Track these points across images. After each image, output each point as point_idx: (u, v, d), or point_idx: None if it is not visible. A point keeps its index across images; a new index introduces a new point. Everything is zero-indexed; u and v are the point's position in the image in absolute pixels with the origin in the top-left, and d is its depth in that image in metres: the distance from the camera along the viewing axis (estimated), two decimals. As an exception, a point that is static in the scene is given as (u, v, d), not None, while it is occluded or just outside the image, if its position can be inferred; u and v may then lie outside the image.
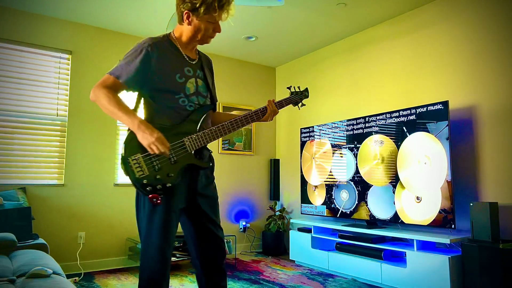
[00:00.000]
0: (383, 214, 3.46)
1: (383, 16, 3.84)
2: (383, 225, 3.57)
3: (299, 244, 4.12)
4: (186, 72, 1.64)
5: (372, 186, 3.59)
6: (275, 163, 5.19)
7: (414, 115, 3.29)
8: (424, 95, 3.52)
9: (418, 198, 3.19)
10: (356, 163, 3.76)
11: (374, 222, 3.58)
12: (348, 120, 3.91)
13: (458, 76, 3.27)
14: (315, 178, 4.25)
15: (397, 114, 3.44)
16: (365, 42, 4.15)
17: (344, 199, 3.87)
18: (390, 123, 3.48)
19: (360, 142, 3.75)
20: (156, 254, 1.52)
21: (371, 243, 3.36)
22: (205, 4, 1.53)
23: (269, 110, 1.74)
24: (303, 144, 4.47)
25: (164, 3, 3.53)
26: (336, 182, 3.98)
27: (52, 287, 1.66)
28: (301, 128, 4.52)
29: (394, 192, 3.38)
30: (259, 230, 5.00)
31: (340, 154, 3.97)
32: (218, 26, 1.64)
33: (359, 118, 3.79)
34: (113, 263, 3.91)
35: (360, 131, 3.76)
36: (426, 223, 3.10)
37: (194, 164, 1.59)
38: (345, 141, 3.93)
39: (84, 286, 3.23)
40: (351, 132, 3.86)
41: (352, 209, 3.77)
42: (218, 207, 1.75)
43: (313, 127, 4.35)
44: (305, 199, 4.37)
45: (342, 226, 3.70)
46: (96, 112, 3.97)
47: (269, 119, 1.76)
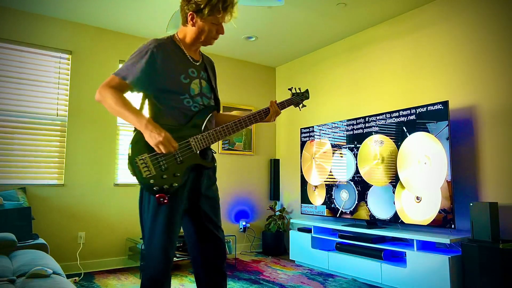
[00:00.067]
0: (383, 214, 3.46)
1: (383, 16, 3.84)
2: (383, 225, 3.57)
3: (299, 244, 4.12)
4: (190, 73, 1.65)
5: (372, 186, 3.59)
6: (275, 163, 5.19)
7: (414, 115, 3.29)
8: (424, 95, 3.52)
9: (418, 198, 3.19)
10: (356, 163, 3.77)
11: (374, 222, 3.58)
12: (348, 120, 3.91)
13: (458, 76, 3.27)
14: (315, 178, 4.25)
15: (397, 114, 3.44)
16: (365, 42, 4.15)
17: (344, 199, 3.87)
18: (390, 123, 3.48)
19: (360, 142, 3.75)
20: (160, 254, 1.52)
21: (371, 243, 3.36)
22: (209, 5, 1.55)
23: (271, 110, 1.76)
24: (303, 144, 4.47)
25: (164, 3, 3.53)
26: (336, 182, 3.98)
27: (52, 287, 1.66)
28: (301, 128, 4.52)
29: (394, 192, 3.38)
30: (259, 230, 5.00)
31: (340, 154, 3.97)
32: (221, 27, 1.66)
33: (359, 118, 3.79)
34: (113, 263, 3.91)
35: (360, 131, 3.76)
36: (426, 223, 3.10)
37: (199, 164, 1.60)
38: (345, 141, 3.93)
39: (84, 286, 3.23)
40: (351, 132, 3.86)
41: (352, 209, 3.77)
42: (219, 208, 1.76)
43: (313, 127, 4.35)
44: (305, 199, 4.37)
45: (342, 226, 3.70)
46: (96, 112, 3.97)
47: (271, 120, 1.78)
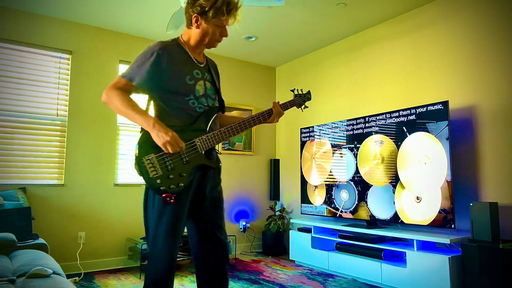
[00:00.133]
0: (383, 214, 3.46)
1: (383, 16, 3.84)
2: (383, 225, 3.57)
3: (299, 244, 4.12)
4: (195, 74, 1.67)
5: (372, 186, 3.59)
6: (275, 163, 5.19)
7: (414, 115, 3.29)
8: (424, 95, 3.52)
9: (418, 198, 3.19)
10: (356, 163, 3.77)
11: (374, 222, 3.58)
12: (348, 120, 3.91)
13: (458, 76, 3.27)
14: (315, 178, 4.25)
15: (397, 114, 3.44)
16: (365, 42, 4.15)
17: (344, 199, 3.87)
18: (390, 123, 3.48)
19: (360, 142, 3.75)
20: (164, 254, 1.53)
21: (371, 243, 3.36)
22: (214, 8, 1.59)
23: (274, 111, 1.80)
24: (303, 144, 4.47)
25: (164, 3, 3.53)
26: (336, 182, 3.98)
27: (52, 287, 1.66)
28: (301, 128, 4.52)
29: (394, 192, 3.38)
30: (259, 230, 5.00)
31: (340, 154, 3.97)
32: (225, 30, 1.68)
33: (359, 118, 3.79)
34: (113, 263, 3.91)
35: (360, 131, 3.76)
36: (426, 223, 3.10)
37: (204, 164, 1.62)
38: (345, 141, 3.93)
39: (84, 286, 3.23)
40: (351, 132, 3.86)
41: (352, 209, 3.77)
42: (223, 209, 1.77)
43: (313, 127, 4.35)
44: (305, 199, 4.37)
45: (342, 226, 3.70)
46: (96, 112, 3.97)
47: (275, 121, 1.82)
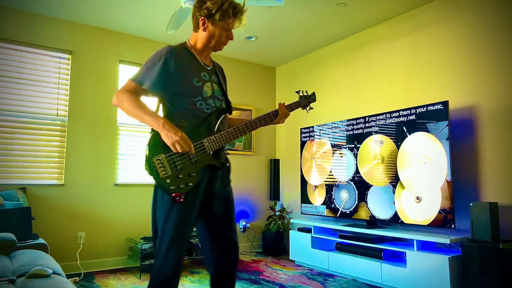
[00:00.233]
0: (383, 214, 3.46)
1: (383, 16, 3.84)
2: (383, 225, 3.57)
3: (299, 244, 4.12)
4: (202, 76, 1.71)
5: (372, 186, 3.59)
6: (275, 163, 5.19)
7: (414, 115, 3.29)
8: (424, 95, 3.52)
9: (418, 198, 3.19)
10: (356, 163, 3.77)
11: (374, 222, 3.58)
12: (348, 120, 3.91)
13: (458, 76, 3.27)
14: (315, 178, 4.25)
15: (397, 114, 3.44)
16: (365, 42, 4.15)
17: (344, 199, 3.87)
18: (390, 123, 3.48)
19: (360, 142, 3.75)
20: (170, 254, 1.55)
21: (371, 243, 3.36)
22: (220, 11, 1.65)
23: (280, 112, 1.86)
24: (303, 144, 4.47)
25: (164, 3, 3.53)
26: (336, 182, 3.98)
27: (52, 287, 1.66)
28: (301, 128, 4.52)
29: (394, 192, 3.38)
30: (259, 230, 5.00)
31: (340, 154, 3.97)
32: (231, 33, 1.74)
33: (359, 118, 3.79)
34: (113, 263, 3.91)
35: (360, 131, 3.76)
36: (426, 223, 3.10)
37: (213, 164, 1.65)
38: (345, 141, 3.93)
39: (84, 286, 3.23)
40: (351, 132, 3.85)
41: (352, 209, 3.77)
42: (233, 210, 1.80)
43: (313, 127, 4.35)
44: (305, 199, 4.37)
45: (342, 226, 3.70)
46: (96, 112, 3.97)
47: (281, 121, 1.88)
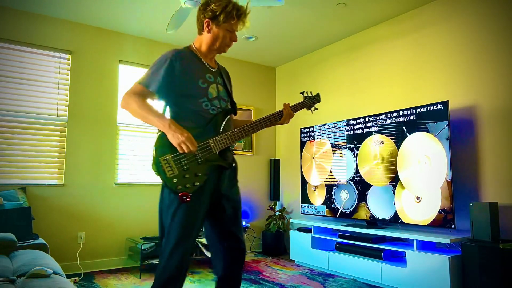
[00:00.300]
0: (383, 214, 3.46)
1: (383, 16, 3.84)
2: (383, 225, 3.57)
3: (299, 244, 4.12)
4: (207, 78, 1.74)
5: (372, 186, 3.59)
6: (275, 163, 5.19)
7: (414, 115, 3.29)
8: (424, 95, 3.52)
9: (418, 198, 3.19)
10: (356, 163, 3.76)
11: (374, 222, 3.58)
12: (348, 120, 3.91)
13: (458, 76, 3.27)
14: (315, 178, 4.25)
15: (397, 114, 3.44)
16: (365, 42, 4.15)
17: (344, 199, 3.87)
18: (390, 123, 3.48)
19: (360, 142, 3.75)
20: (175, 253, 1.56)
21: (371, 243, 3.36)
22: (224, 12, 1.69)
23: (285, 113, 1.87)
24: (303, 144, 4.47)
25: (164, 3, 3.53)
26: (336, 182, 3.98)
27: (52, 287, 1.66)
28: (301, 128, 4.52)
29: (394, 192, 3.38)
30: (259, 230, 5.00)
31: (340, 154, 3.97)
32: (234, 35, 1.77)
33: (359, 118, 3.79)
34: (113, 263, 3.91)
35: (360, 131, 3.76)
36: (426, 223, 3.10)
37: (219, 164, 1.67)
38: (345, 141, 3.93)
39: (84, 286, 3.23)
40: (351, 132, 3.85)
41: (352, 209, 3.77)
42: (240, 210, 1.81)
43: (313, 127, 4.35)
44: (305, 199, 4.37)
45: (342, 226, 3.70)
46: (96, 112, 3.97)
47: (285, 122, 1.90)
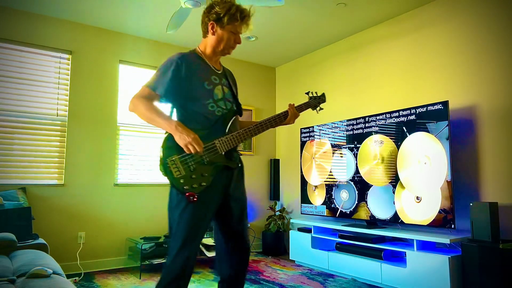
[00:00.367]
0: (383, 214, 3.46)
1: (383, 16, 3.84)
2: (383, 225, 3.57)
3: (299, 244, 4.12)
4: (213, 79, 1.77)
5: (372, 186, 3.59)
6: (275, 163, 5.19)
7: (414, 115, 3.29)
8: (424, 95, 3.51)
9: (418, 198, 3.19)
10: (356, 163, 3.76)
11: (374, 222, 3.58)
12: (348, 120, 3.91)
13: (458, 76, 3.27)
14: (315, 178, 4.25)
15: (397, 114, 3.44)
16: (365, 42, 4.15)
17: (344, 199, 3.87)
18: (390, 123, 3.48)
19: (360, 142, 3.75)
20: (180, 252, 1.59)
21: (371, 243, 3.36)
22: (228, 14, 1.73)
23: (290, 113, 1.88)
24: (303, 144, 4.47)
25: (164, 3, 3.53)
26: (336, 182, 3.98)
27: (52, 287, 1.66)
28: (301, 128, 4.52)
29: (394, 192, 3.38)
30: (259, 230, 5.00)
31: (340, 154, 3.97)
32: (238, 37, 1.81)
33: (359, 118, 3.79)
34: (113, 263, 3.91)
35: (360, 131, 3.76)
36: (426, 223, 3.10)
37: (225, 165, 1.69)
38: (345, 141, 3.93)
39: (84, 286, 3.23)
40: (351, 132, 3.85)
41: (352, 209, 3.77)
42: (246, 210, 1.84)
43: (313, 127, 4.35)
44: (305, 199, 4.37)
45: (342, 226, 3.70)
46: (96, 112, 3.97)
47: (291, 122, 1.91)
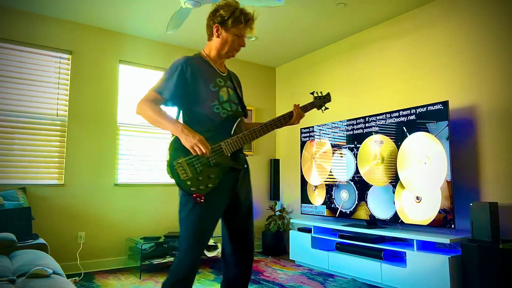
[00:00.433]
0: (383, 214, 3.46)
1: (383, 16, 3.84)
2: (383, 225, 3.57)
3: (299, 244, 4.12)
4: (218, 82, 1.80)
5: (372, 186, 3.59)
6: (275, 163, 5.19)
7: (414, 115, 3.29)
8: (424, 95, 3.52)
9: (418, 198, 3.19)
10: (356, 163, 3.76)
11: (374, 222, 3.58)
12: (348, 120, 3.91)
13: (458, 76, 3.27)
14: (315, 178, 4.25)
15: (397, 114, 3.44)
16: (365, 42, 4.15)
17: (344, 199, 3.87)
18: (390, 123, 3.48)
19: (360, 142, 3.75)
20: (187, 252, 1.62)
21: (371, 243, 3.36)
22: (233, 17, 1.77)
23: (295, 114, 1.89)
24: (303, 144, 4.47)
25: (164, 3, 3.53)
26: (336, 182, 3.98)
27: (52, 287, 1.66)
28: (301, 128, 4.52)
29: (394, 192, 3.38)
30: (259, 230, 5.00)
31: (340, 154, 3.97)
32: (242, 40, 1.85)
33: (359, 118, 3.79)
34: (113, 263, 3.91)
35: (360, 131, 3.76)
36: (426, 223, 3.10)
37: (231, 166, 1.71)
38: (345, 141, 3.93)
39: (84, 286, 3.23)
40: (351, 132, 3.85)
41: (352, 209, 3.77)
42: (252, 210, 1.86)
43: (313, 127, 4.35)
44: (305, 199, 4.37)
45: (342, 226, 3.70)
46: (96, 112, 3.97)
47: (295, 122, 1.92)
